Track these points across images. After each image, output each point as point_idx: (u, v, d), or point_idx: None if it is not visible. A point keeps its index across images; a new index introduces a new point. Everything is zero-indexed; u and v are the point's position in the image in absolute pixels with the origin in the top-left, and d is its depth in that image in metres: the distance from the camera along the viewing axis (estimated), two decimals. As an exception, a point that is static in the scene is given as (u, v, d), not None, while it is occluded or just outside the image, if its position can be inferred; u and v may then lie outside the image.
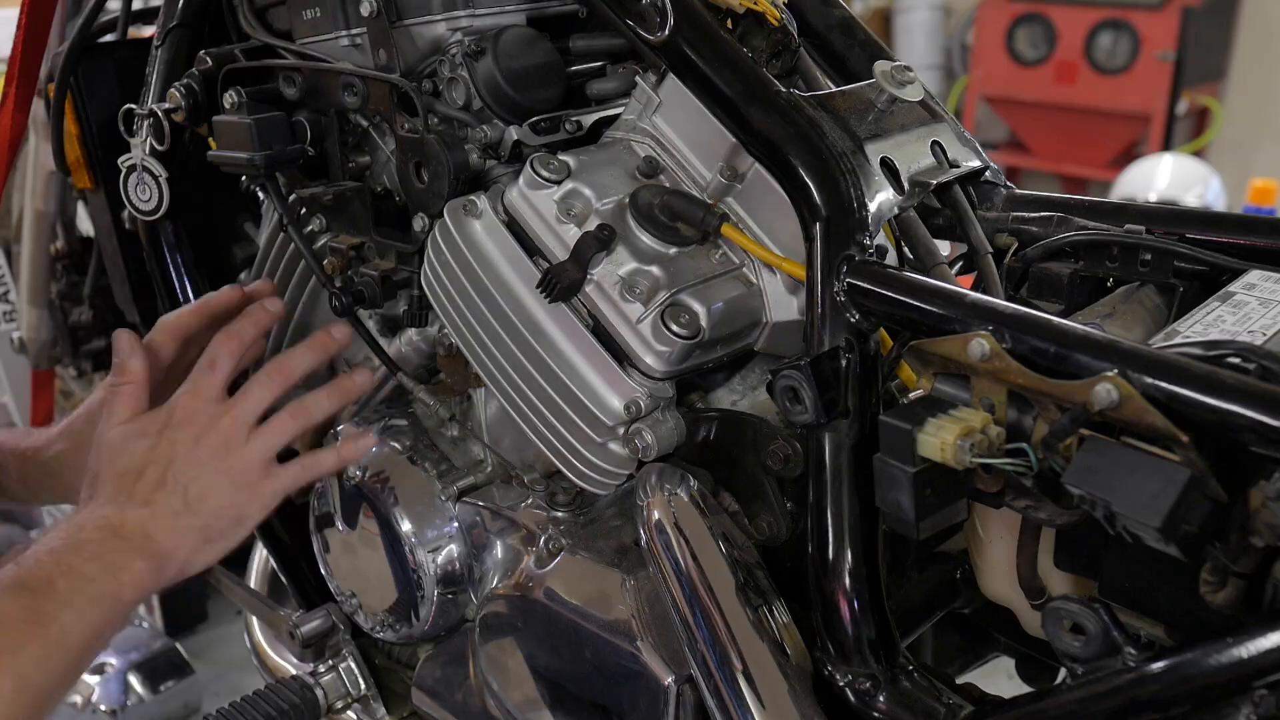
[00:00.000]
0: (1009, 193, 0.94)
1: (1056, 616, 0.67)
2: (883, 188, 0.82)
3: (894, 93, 0.84)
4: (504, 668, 0.99)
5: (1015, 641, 0.96)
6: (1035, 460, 0.64)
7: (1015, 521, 0.75)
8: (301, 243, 1.10)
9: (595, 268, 0.87)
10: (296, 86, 1.07)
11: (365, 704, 1.23)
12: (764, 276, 0.88)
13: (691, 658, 0.81)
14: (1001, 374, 0.66)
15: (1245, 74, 4.79)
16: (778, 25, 0.89)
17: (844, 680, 0.79)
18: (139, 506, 0.95)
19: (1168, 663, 0.61)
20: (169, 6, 1.19)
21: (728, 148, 0.88)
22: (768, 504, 0.86)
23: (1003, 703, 0.75)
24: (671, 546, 0.83)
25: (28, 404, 2.17)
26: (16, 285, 2.05)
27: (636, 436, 0.86)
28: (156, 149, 1.15)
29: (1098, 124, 4.77)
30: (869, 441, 0.75)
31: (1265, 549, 0.58)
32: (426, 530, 1.04)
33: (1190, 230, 0.82)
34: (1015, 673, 1.01)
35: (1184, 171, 3.76)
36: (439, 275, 0.96)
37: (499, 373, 0.94)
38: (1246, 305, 0.72)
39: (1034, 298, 0.86)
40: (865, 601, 0.78)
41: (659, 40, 0.87)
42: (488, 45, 0.96)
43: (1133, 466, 0.59)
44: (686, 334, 0.83)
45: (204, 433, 0.98)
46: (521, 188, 0.91)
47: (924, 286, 0.74)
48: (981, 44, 5.10)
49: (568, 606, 0.92)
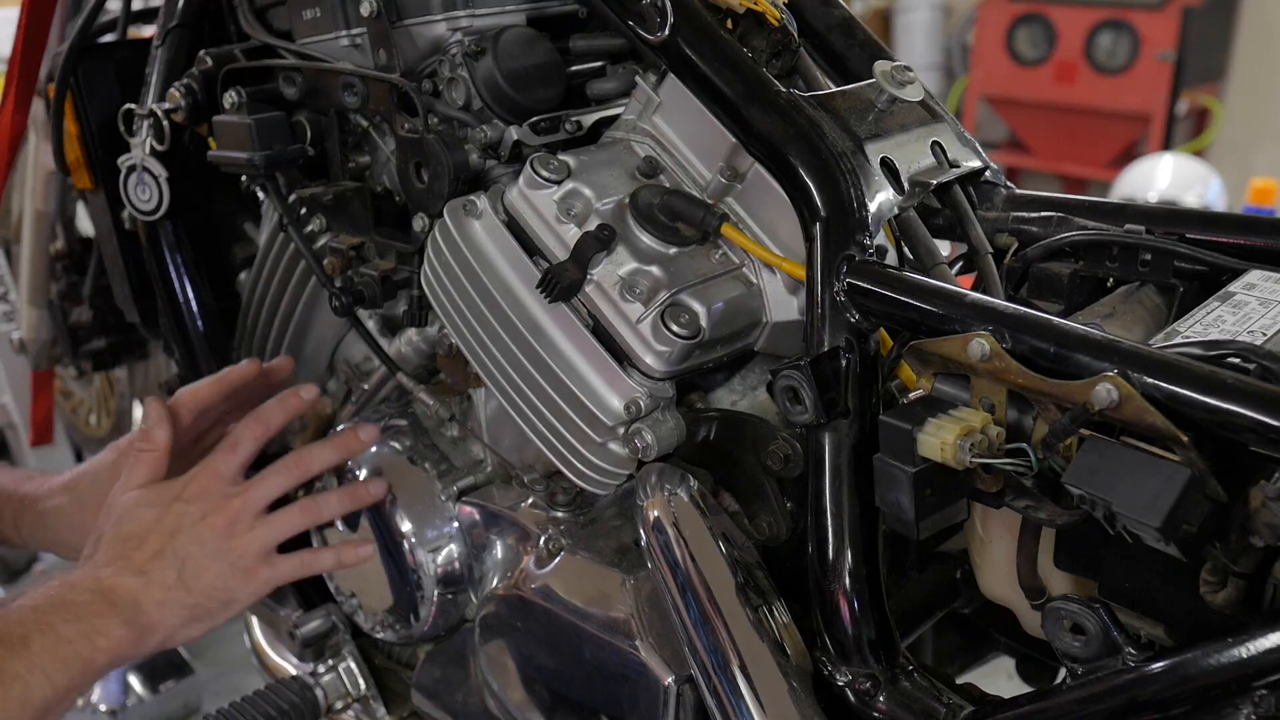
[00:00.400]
0: (1009, 193, 0.94)
1: (1056, 616, 0.67)
2: (883, 188, 0.82)
3: (894, 93, 0.84)
4: (504, 668, 0.99)
5: (1015, 641, 0.96)
6: (1035, 460, 0.65)
7: (1015, 521, 0.75)
8: (301, 243, 1.10)
9: (595, 268, 0.87)
10: (296, 86, 1.07)
11: (365, 704, 1.23)
12: (764, 276, 0.88)
13: (691, 658, 0.81)
14: (1001, 374, 0.66)
15: (1245, 74, 4.79)
16: (778, 25, 0.89)
17: (844, 680, 0.79)
18: (134, 574, 0.96)
19: (1168, 663, 0.61)
20: (169, 6, 1.19)
21: (728, 148, 0.88)
22: (768, 504, 0.86)
23: (1003, 703, 0.75)
24: (671, 546, 0.83)
25: (28, 404, 2.17)
26: (16, 285, 2.05)
27: (636, 436, 0.86)
28: (156, 149, 1.15)
29: (1098, 124, 4.77)
30: (869, 441, 0.75)
31: (1265, 549, 0.58)
32: (426, 530, 1.04)
33: (1190, 230, 0.82)
34: (1015, 673, 1.01)
35: (1184, 171, 3.76)
36: (439, 275, 0.96)
37: (499, 373, 0.94)
38: (1246, 305, 0.72)
39: (1034, 298, 0.86)
40: (865, 601, 0.78)
41: (659, 40, 0.87)
42: (488, 45, 0.96)
43: (1133, 466, 0.59)
44: (686, 334, 0.83)
45: (212, 512, 1.00)
46: (521, 188, 0.91)
47: (924, 286, 0.74)
48: (981, 44, 5.10)
49: (568, 606, 0.92)
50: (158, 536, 0.98)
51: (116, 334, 1.86)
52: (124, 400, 2.14)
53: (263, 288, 1.28)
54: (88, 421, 2.27)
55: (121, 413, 2.16)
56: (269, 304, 1.28)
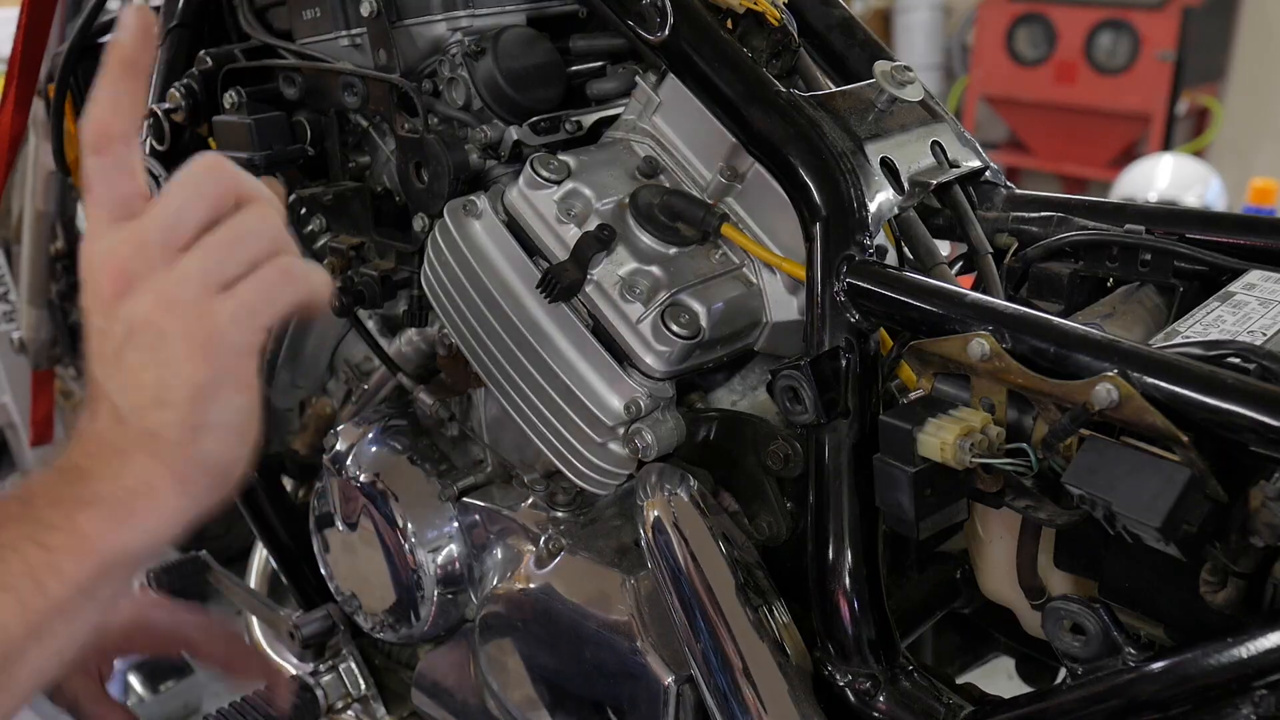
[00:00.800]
0: (1009, 193, 0.94)
1: (1056, 616, 0.67)
2: (883, 188, 0.82)
3: (894, 93, 0.84)
4: (504, 668, 0.99)
5: (1015, 641, 0.96)
6: (1035, 460, 0.65)
7: (1015, 521, 0.75)
8: (301, 243, 1.10)
9: (595, 268, 0.87)
10: (296, 86, 1.07)
11: (365, 704, 1.23)
12: (764, 276, 0.88)
13: (691, 658, 0.81)
14: (1001, 374, 0.66)
15: (1245, 74, 4.79)
16: (778, 25, 0.89)
17: (844, 680, 0.79)
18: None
19: (1168, 663, 0.61)
20: (169, 6, 1.19)
21: (728, 148, 0.88)
22: (768, 504, 0.86)
23: (1003, 703, 0.75)
24: (671, 546, 0.83)
25: (28, 404, 2.17)
26: (16, 285, 2.05)
27: (636, 436, 0.86)
28: (156, 149, 1.15)
29: (1098, 124, 4.76)
30: (869, 441, 0.75)
31: (1265, 549, 0.58)
32: (426, 530, 1.04)
33: (1190, 230, 0.82)
34: (1015, 673, 1.01)
35: (1184, 171, 3.75)
36: (439, 275, 0.96)
37: (499, 373, 0.94)
38: (1246, 305, 0.72)
39: (1034, 298, 0.86)
40: (865, 601, 0.78)
41: (659, 40, 0.87)
42: (488, 45, 0.96)
43: (1133, 466, 0.59)
44: (686, 334, 0.83)
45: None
46: (521, 188, 0.91)
47: (924, 286, 0.74)
48: (981, 44, 5.09)
49: (568, 606, 0.92)
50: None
51: (116, 334, 1.85)
52: (124, 400, 2.14)
53: (263, 288, 1.28)
54: (88, 421, 2.27)
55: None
56: (269, 304, 1.28)
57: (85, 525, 0.61)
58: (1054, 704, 0.68)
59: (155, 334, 0.63)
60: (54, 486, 0.63)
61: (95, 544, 0.61)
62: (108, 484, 0.62)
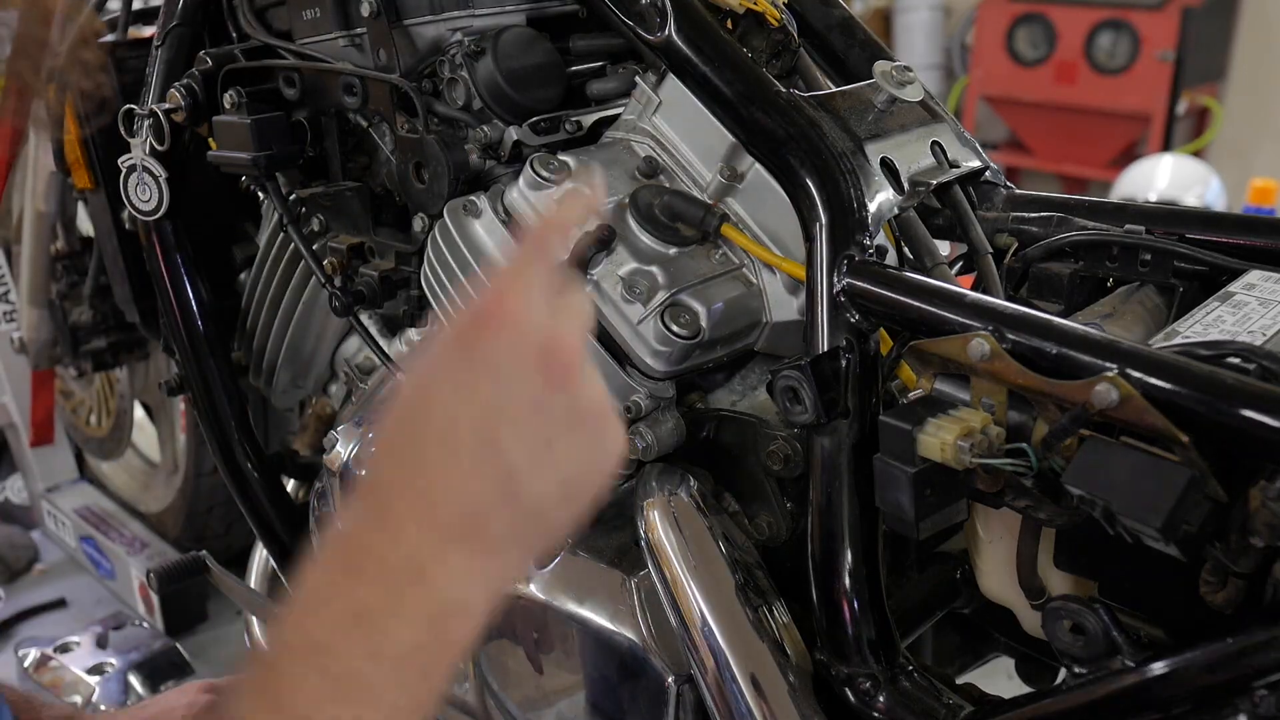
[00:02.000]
0: (1009, 193, 0.94)
1: (1056, 616, 0.67)
2: (883, 188, 0.82)
3: (894, 93, 0.84)
4: (504, 668, 0.99)
5: (1015, 641, 0.96)
6: (1035, 460, 0.64)
7: (1015, 521, 0.75)
8: (301, 243, 1.10)
9: (595, 268, 0.87)
10: (296, 87, 1.07)
11: (365, 704, 1.23)
12: (764, 276, 0.88)
13: (691, 658, 0.81)
14: (1001, 374, 0.66)
15: (1245, 74, 4.79)
16: (778, 25, 0.89)
17: (844, 680, 0.79)
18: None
19: (1168, 663, 0.61)
20: (169, 6, 1.19)
21: (728, 148, 0.88)
22: (768, 504, 0.86)
23: (1003, 703, 0.75)
24: (672, 546, 0.83)
25: (28, 404, 2.17)
26: (16, 285, 2.05)
27: (636, 436, 0.86)
28: (156, 149, 1.15)
29: (1098, 124, 4.76)
30: (869, 441, 0.75)
31: (1265, 549, 0.58)
32: (426, 530, 1.04)
33: (1190, 230, 0.82)
34: (1015, 673, 1.01)
35: (1184, 171, 3.75)
36: (439, 275, 0.96)
37: (499, 373, 0.93)
38: (1246, 305, 0.72)
39: (1034, 298, 0.86)
40: (865, 601, 0.78)
41: (659, 40, 0.87)
42: (487, 45, 0.96)
43: (1133, 466, 0.59)
44: (687, 334, 0.83)
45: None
46: (522, 188, 0.91)
47: (924, 286, 0.74)
48: (981, 44, 5.09)
49: (568, 606, 0.92)
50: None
51: (116, 334, 1.86)
52: (124, 400, 2.14)
53: (263, 288, 1.28)
54: (88, 421, 2.27)
55: (121, 412, 2.16)
56: (269, 304, 1.28)
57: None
58: (1054, 704, 0.68)
59: (598, 428, 0.57)
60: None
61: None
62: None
